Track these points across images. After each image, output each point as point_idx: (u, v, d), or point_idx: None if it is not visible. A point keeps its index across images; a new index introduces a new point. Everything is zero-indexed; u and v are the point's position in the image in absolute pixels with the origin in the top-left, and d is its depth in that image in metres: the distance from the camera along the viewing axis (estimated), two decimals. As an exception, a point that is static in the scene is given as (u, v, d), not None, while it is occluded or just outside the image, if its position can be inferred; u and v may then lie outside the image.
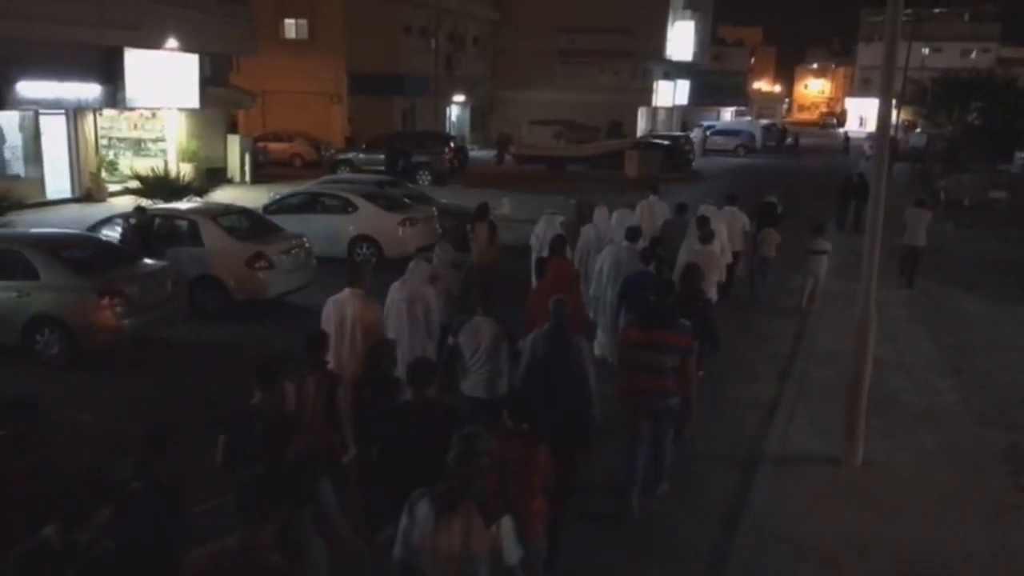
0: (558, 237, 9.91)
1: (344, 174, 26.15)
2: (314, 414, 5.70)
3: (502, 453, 4.39)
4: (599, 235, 11.56)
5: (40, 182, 22.75)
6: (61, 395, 9.40)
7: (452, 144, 33.48)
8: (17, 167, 22.72)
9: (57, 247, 10.70)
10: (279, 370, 5.55)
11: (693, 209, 13.40)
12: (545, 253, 10.26)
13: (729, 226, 12.95)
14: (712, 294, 10.08)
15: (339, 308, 7.31)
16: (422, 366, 5.25)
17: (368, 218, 16.18)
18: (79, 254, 10.86)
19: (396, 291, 7.88)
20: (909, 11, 39.39)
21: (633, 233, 10.31)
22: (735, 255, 12.98)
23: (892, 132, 8.36)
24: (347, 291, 7.37)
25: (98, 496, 3.64)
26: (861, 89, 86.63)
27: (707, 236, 10.79)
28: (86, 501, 3.62)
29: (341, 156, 32.17)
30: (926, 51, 59.60)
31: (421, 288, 7.87)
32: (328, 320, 7.25)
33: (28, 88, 20.96)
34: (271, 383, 5.47)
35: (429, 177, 29.88)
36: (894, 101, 9.00)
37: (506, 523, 3.86)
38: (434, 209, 17.86)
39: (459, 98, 47.52)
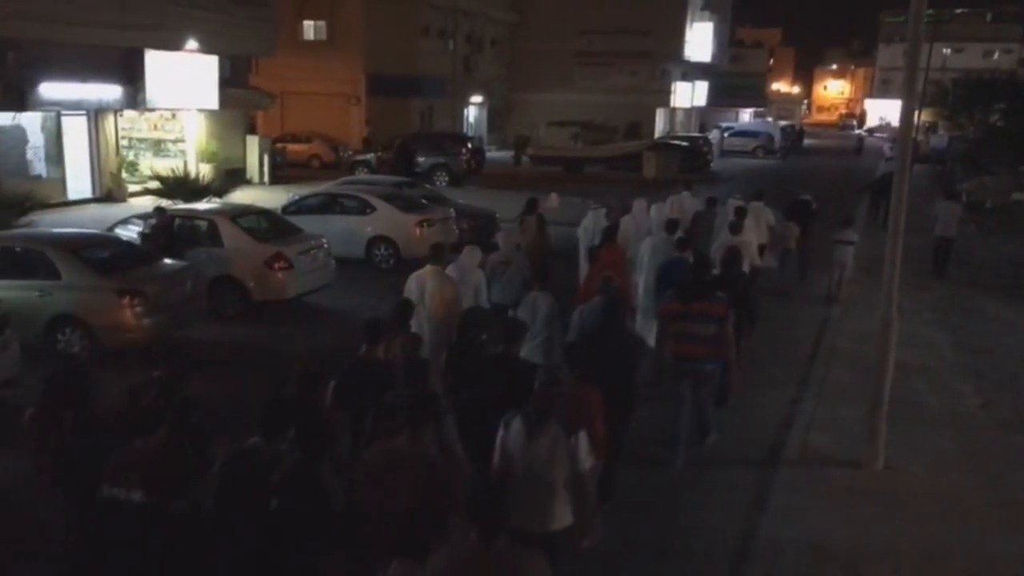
0: (609, 227, 11.32)
1: (362, 175, 26.22)
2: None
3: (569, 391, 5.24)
4: (637, 226, 12.62)
5: (62, 182, 22.98)
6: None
7: (469, 145, 33.51)
8: (39, 167, 22.94)
9: (78, 247, 10.79)
10: (383, 327, 6.35)
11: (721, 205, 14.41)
12: (596, 242, 11.33)
13: (755, 221, 13.42)
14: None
15: (420, 282, 8.37)
16: (516, 327, 6.33)
17: (386, 219, 16.22)
18: (100, 254, 10.94)
19: (431, 275, 8.53)
20: (931, 11, 39.08)
21: (671, 225, 11.44)
22: (760, 248, 13.38)
23: (913, 134, 8.34)
24: (428, 267, 8.49)
25: (286, 416, 4.57)
26: (881, 90, 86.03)
27: (737, 227, 11.60)
28: (278, 420, 4.54)
29: (359, 157, 32.26)
30: (948, 52, 59.05)
31: (472, 271, 9.02)
32: (410, 292, 8.26)
33: (50, 89, 21.16)
34: (376, 338, 6.24)
35: (446, 178, 29.90)
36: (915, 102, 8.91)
37: (582, 436, 4.84)
38: (451, 210, 17.88)
39: (477, 99, 47.55)
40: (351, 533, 4.41)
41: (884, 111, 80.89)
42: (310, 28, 39.06)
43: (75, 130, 23.20)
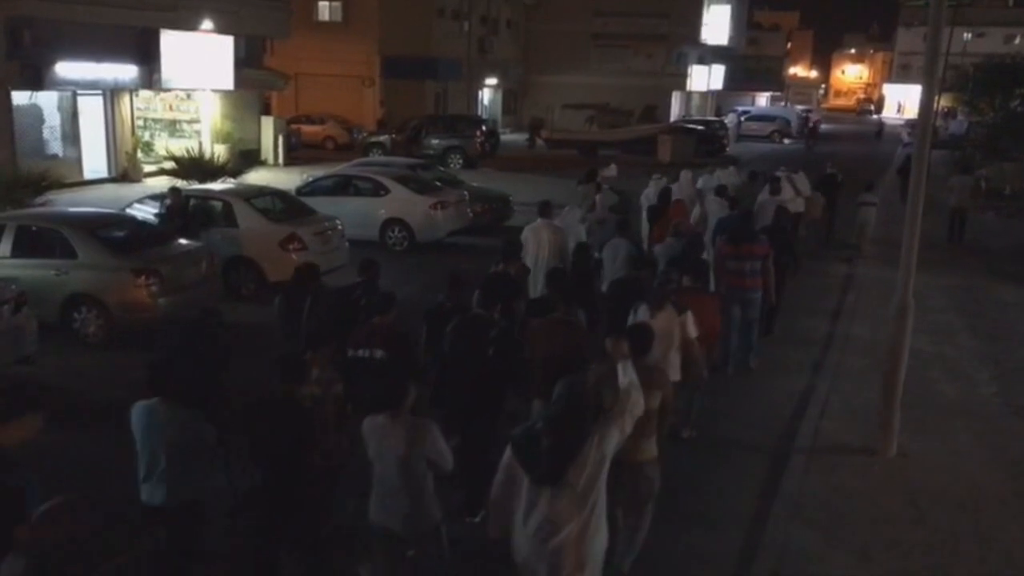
0: (665, 188, 13.98)
1: (376, 157, 26.20)
2: None
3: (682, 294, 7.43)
4: (684, 192, 14.73)
5: (78, 162, 23.08)
6: (97, 372, 9.57)
7: (484, 128, 33.40)
8: (55, 147, 23.06)
9: (95, 227, 10.86)
10: (464, 279, 7.51)
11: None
12: (654, 202, 13.68)
13: (793, 189, 15.90)
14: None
15: (536, 233, 10.12)
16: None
17: (400, 201, 16.21)
18: (116, 234, 11.01)
19: (544, 227, 10.28)
20: (952, -5, 38.54)
21: (721, 189, 14.05)
22: (796, 216, 15.25)
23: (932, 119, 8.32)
24: (540, 221, 10.24)
25: (496, 293, 7.00)
26: (900, 75, 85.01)
27: (776, 189, 14.45)
28: (492, 295, 6.93)
29: (373, 139, 32.24)
30: (968, 36, 58.31)
31: (575, 226, 11.12)
32: (527, 242, 10.02)
33: (66, 69, 21.22)
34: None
35: (460, 161, 29.84)
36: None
37: (689, 315, 7.03)
38: (465, 192, 17.86)
39: (491, 81, 47.36)
40: (527, 371, 6.48)
41: (902, 96, 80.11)
42: (325, 9, 38.97)
43: (91, 110, 23.28)
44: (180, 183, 17.45)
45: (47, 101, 22.52)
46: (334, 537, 5.48)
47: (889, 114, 78.73)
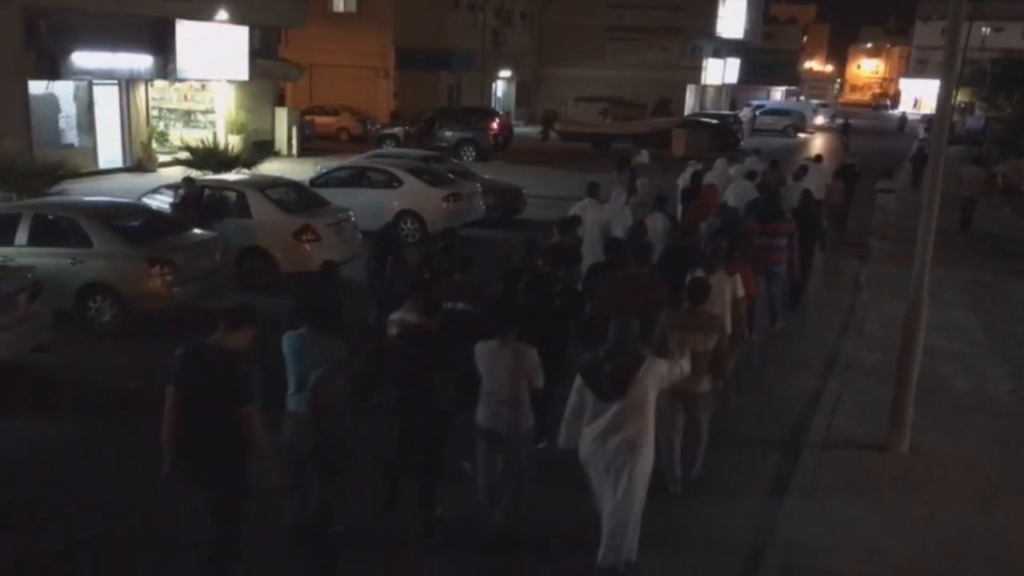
0: (697, 172, 15.61)
1: (390, 148, 26.22)
2: None
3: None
4: (717, 178, 15.65)
5: (93, 152, 23.20)
6: (111, 361, 9.64)
7: (498, 120, 33.36)
8: (71, 136, 23.18)
9: (110, 216, 10.93)
10: (537, 245, 8.81)
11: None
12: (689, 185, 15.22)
13: (817, 176, 16.93)
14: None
15: (584, 211, 10.93)
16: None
17: (413, 193, 16.23)
18: (131, 223, 11.08)
19: (591, 205, 11.20)
20: (970, -11, 38.12)
21: (750, 175, 15.36)
22: (817, 203, 15.70)
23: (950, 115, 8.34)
24: (587, 200, 11.17)
25: (560, 256, 8.30)
26: (917, 70, 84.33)
27: (800, 176, 15.76)
28: (558, 257, 8.24)
29: (386, 131, 32.25)
30: (987, 31, 57.80)
31: (621, 208, 12.01)
32: (584, 215, 10.81)
33: (82, 59, 21.32)
34: (533, 252, 8.75)
35: (473, 153, 29.84)
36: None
37: (738, 277, 7.96)
38: (478, 185, 17.86)
39: (505, 74, 47.28)
40: (592, 322, 7.35)
41: (919, 91, 79.48)
42: (340, 0, 38.96)
43: (106, 100, 23.39)
44: (195, 173, 17.51)
45: (63, 91, 22.63)
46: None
47: (904, 109, 78.10)
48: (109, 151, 23.56)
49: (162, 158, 24.48)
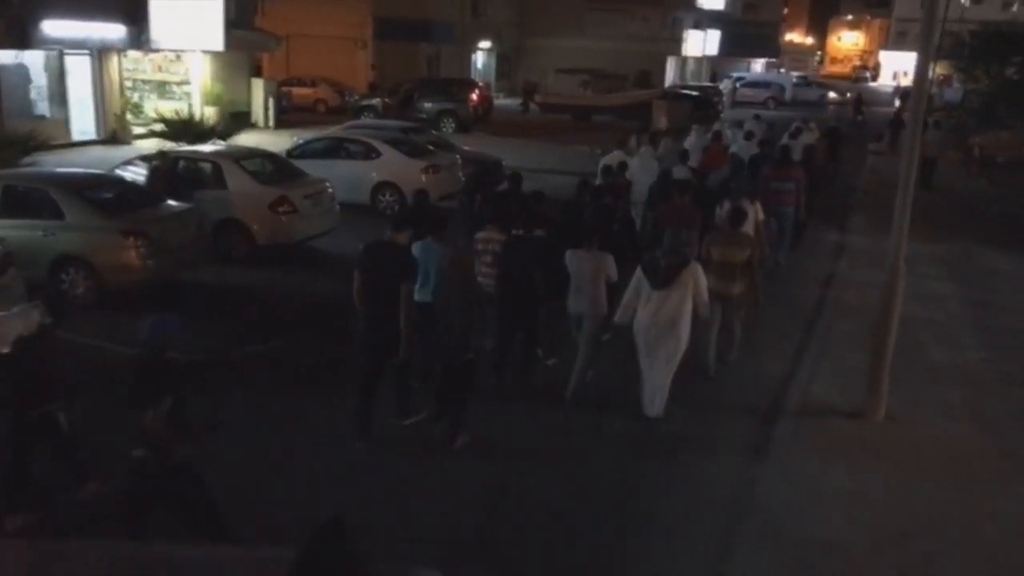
0: (713, 133, 17.80)
1: (368, 120, 25.96)
2: None
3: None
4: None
5: (65, 123, 22.79)
6: (87, 334, 9.50)
7: (477, 92, 33.09)
8: (43, 107, 22.75)
9: (82, 187, 10.74)
10: (591, 185, 11.05)
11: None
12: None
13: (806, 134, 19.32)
14: None
15: (608, 163, 13.05)
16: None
17: (391, 164, 16.09)
18: (104, 194, 10.90)
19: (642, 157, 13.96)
20: (950, -40, 37.98)
21: (749, 134, 17.50)
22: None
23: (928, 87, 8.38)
24: (615, 151, 14.24)
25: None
26: (896, 42, 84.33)
27: (796, 134, 18.37)
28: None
29: (365, 102, 31.92)
30: (966, 3, 57.82)
31: (650, 162, 13.75)
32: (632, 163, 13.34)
33: (53, 27, 20.83)
34: (587, 189, 10.87)
35: (453, 124, 29.62)
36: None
37: (759, 204, 10.80)
38: (457, 156, 17.73)
39: (485, 45, 46.86)
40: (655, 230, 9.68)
41: (899, 63, 79.52)
42: (317, -31, 38.30)
43: (78, 70, 22.93)
44: (170, 145, 17.28)
45: (34, 61, 22.17)
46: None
47: (884, 82, 78.18)
48: (82, 122, 23.14)
49: (137, 130, 24.08)
